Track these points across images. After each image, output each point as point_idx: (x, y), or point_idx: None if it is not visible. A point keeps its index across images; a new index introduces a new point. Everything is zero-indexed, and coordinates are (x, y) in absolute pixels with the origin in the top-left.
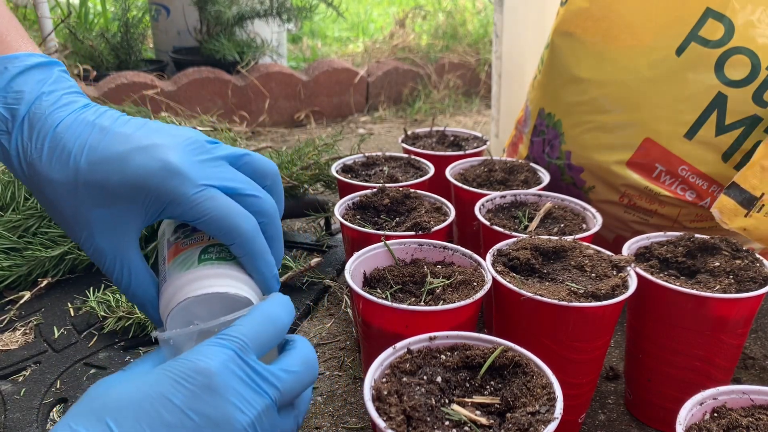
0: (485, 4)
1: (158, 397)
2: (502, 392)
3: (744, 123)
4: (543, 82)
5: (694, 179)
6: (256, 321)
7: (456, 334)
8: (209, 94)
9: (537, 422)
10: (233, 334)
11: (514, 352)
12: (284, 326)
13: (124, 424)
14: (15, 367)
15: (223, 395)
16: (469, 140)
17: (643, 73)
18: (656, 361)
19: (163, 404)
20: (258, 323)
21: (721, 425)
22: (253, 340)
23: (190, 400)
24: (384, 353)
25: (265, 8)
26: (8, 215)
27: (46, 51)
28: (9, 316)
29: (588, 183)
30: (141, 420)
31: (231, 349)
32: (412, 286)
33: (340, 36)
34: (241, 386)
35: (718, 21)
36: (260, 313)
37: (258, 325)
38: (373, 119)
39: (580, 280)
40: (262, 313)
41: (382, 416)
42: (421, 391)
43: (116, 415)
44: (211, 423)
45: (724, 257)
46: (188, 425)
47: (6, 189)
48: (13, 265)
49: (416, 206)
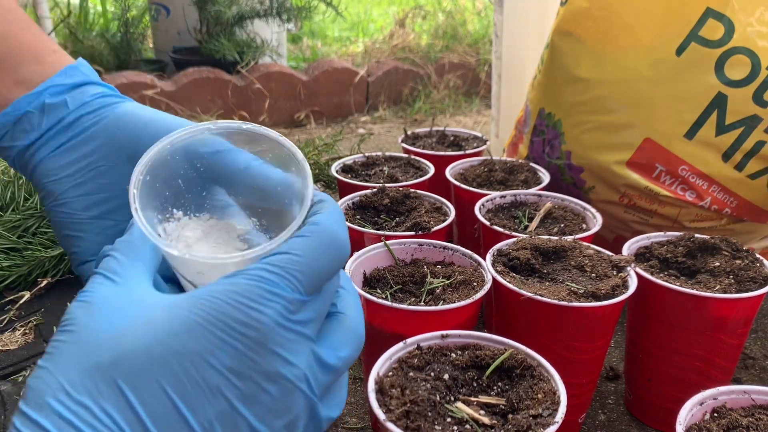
0: (485, 4)
1: (192, 357)
2: (508, 394)
3: (744, 123)
4: (543, 82)
5: (694, 179)
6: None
7: (469, 333)
8: (209, 94)
9: (537, 425)
10: (291, 271)
11: (524, 354)
12: (346, 257)
13: (146, 393)
14: (15, 367)
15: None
16: (469, 140)
17: (644, 73)
18: (656, 361)
19: (198, 367)
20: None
21: (721, 425)
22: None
23: (234, 362)
24: (393, 348)
25: (265, 8)
26: (8, 215)
27: None
28: (9, 317)
29: (588, 183)
30: (167, 386)
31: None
32: (412, 286)
33: (340, 36)
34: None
35: (718, 21)
36: (325, 234)
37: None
38: (373, 119)
39: (580, 280)
40: (327, 235)
41: (382, 408)
42: (427, 386)
43: (133, 378)
44: (255, 385)
45: (724, 257)
46: (230, 393)
47: (6, 189)
48: (13, 265)
49: (416, 206)
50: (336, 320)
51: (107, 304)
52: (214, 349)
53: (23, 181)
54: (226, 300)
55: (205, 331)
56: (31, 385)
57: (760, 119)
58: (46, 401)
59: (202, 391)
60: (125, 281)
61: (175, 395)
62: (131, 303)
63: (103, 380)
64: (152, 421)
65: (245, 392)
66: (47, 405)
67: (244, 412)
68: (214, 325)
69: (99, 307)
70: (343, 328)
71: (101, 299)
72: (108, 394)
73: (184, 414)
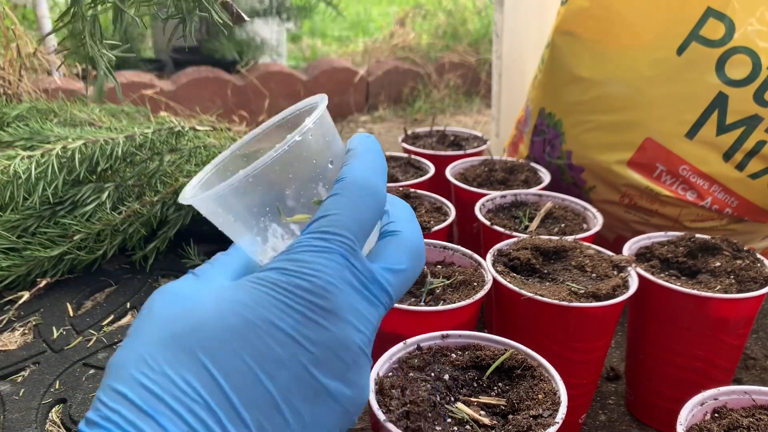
0: (485, 4)
1: (264, 324)
2: (509, 394)
3: (745, 122)
4: (543, 82)
5: (695, 179)
6: (353, 199)
7: (469, 333)
8: (209, 93)
9: (537, 425)
10: (333, 230)
11: (524, 355)
12: (383, 198)
13: (223, 361)
14: (14, 367)
15: (340, 315)
16: (469, 140)
17: (644, 72)
18: (657, 362)
19: (270, 333)
20: (356, 202)
21: (721, 426)
22: (357, 232)
23: (304, 327)
24: (393, 348)
25: (264, 7)
26: (7, 215)
27: (45, 50)
28: (8, 317)
29: (589, 183)
30: (243, 353)
31: (340, 255)
32: (412, 286)
33: (340, 35)
34: (358, 300)
35: (719, 20)
36: (355, 185)
37: (357, 206)
38: (373, 119)
39: (581, 280)
40: (357, 185)
41: (381, 408)
42: (427, 387)
43: (211, 348)
44: (328, 351)
45: (725, 257)
46: (303, 357)
47: (5, 189)
48: (12, 265)
49: (416, 206)
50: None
51: (186, 290)
52: (284, 316)
53: (22, 180)
54: (283, 268)
55: (271, 299)
56: (113, 362)
57: (761, 119)
58: (130, 373)
59: (278, 356)
60: (205, 274)
61: (252, 361)
62: (204, 286)
63: (182, 349)
64: (231, 387)
65: (319, 357)
66: (130, 376)
67: (319, 377)
68: (278, 292)
69: (176, 294)
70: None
71: (179, 289)
72: (187, 363)
73: (262, 380)
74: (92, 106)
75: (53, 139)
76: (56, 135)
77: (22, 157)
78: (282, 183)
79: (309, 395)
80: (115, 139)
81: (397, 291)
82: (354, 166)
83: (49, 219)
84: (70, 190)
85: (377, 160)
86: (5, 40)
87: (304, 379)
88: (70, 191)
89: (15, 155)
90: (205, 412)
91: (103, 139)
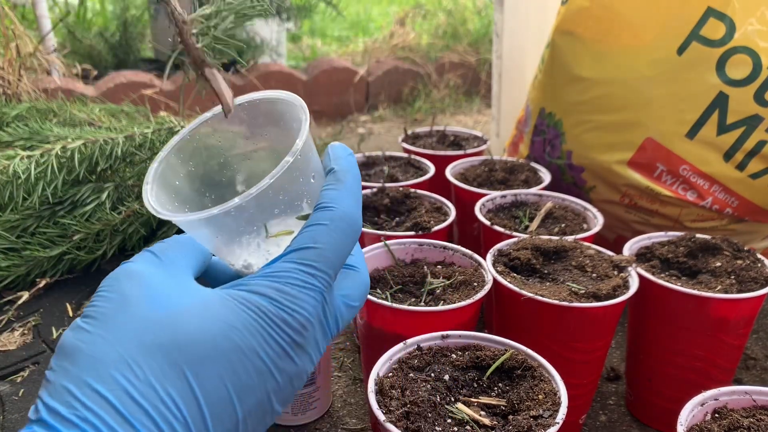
0: (486, 4)
1: (249, 352)
2: (509, 394)
3: (745, 122)
4: (544, 82)
5: (695, 179)
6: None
7: (469, 334)
8: (208, 93)
9: (537, 426)
10: (320, 266)
11: (525, 355)
12: (360, 228)
13: (206, 382)
14: (13, 367)
15: (306, 350)
16: (469, 140)
17: (644, 72)
18: (657, 362)
19: (252, 362)
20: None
21: (722, 426)
22: (338, 267)
23: (279, 359)
24: (393, 348)
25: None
26: (6, 215)
27: (44, 50)
28: (7, 317)
29: (589, 183)
30: (225, 377)
31: (320, 292)
32: (413, 286)
33: (340, 35)
34: (320, 334)
35: (720, 20)
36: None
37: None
38: (373, 119)
39: (581, 280)
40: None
41: (381, 409)
42: (427, 387)
43: (197, 366)
44: (287, 380)
45: (726, 257)
46: (270, 386)
47: (4, 189)
48: (12, 265)
49: (416, 206)
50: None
51: (155, 279)
52: (266, 347)
53: (21, 180)
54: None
55: (259, 327)
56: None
57: (762, 119)
58: (110, 373)
59: (251, 383)
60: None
61: (231, 386)
62: (180, 286)
63: (168, 363)
64: (207, 406)
65: (280, 386)
66: (111, 378)
67: (273, 402)
68: (266, 322)
69: (146, 281)
70: (357, 282)
71: (150, 276)
72: (172, 377)
73: (235, 404)
74: (92, 106)
75: (53, 139)
76: (56, 135)
77: (22, 157)
78: (272, 204)
79: (260, 417)
80: (114, 139)
81: (344, 325)
82: (342, 195)
83: (48, 219)
84: (69, 190)
85: (358, 185)
86: (5, 39)
87: (263, 405)
88: (70, 191)
89: (14, 155)
90: (182, 429)
91: (103, 139)
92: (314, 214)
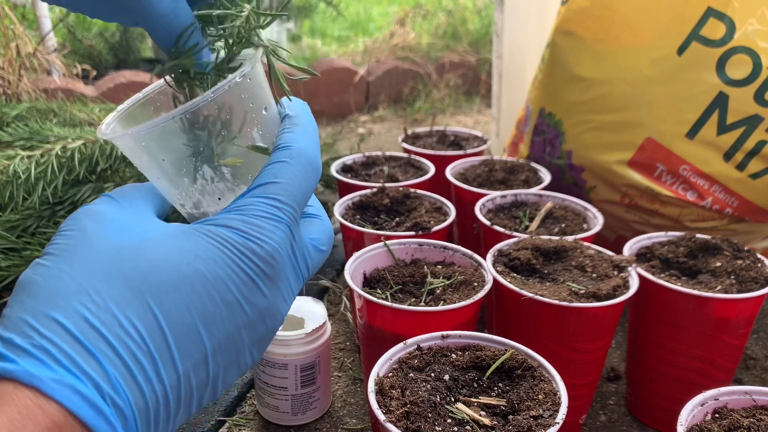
0: (485, 4)
1: (215, 280)
2: (509, 394)
3: (745, 122)
4: (544, 82)
5: (695, 179)
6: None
7: (469, 334)
8: None
9: (538, 426)
10: (284, 200)
11: (525, 355)
12: (320, 170)
13: (170, 310)
14: None
15: (277, 284)
16: (469, 140)
17: (644, 72)
18: (657, 362)
19: (219, 290)
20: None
21: (722, 426)
22: (302, 203)
23: (248, 290)
24: (393, 348)
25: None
26: (7, 215)
27: (44, 50)
28: None
29: (589, 183)
30: (190, 305)
31: (287, 225)
32: (413, 286)
33: (340, 35)
34: (291, 271)
35: (720, 20)
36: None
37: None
38: (372, 119)
39: (581, 280)
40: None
41: (381, 409)
42: (427, 387)
43: (161, 293)
44: (258, 316)
45: (726, 257)
46: (240, 320)
47: (4, 189)
48: (12, 265)
49: (416, 206)
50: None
51: (116, 216)
52: (233, 276)
53: (22, 180)
54: (239, 229)
55: (225, 257)
56: (43, 284)
57: (762, 119)
58: (70, 303)
59: (219, 313)
60: (130, 202)
61: (197, 314)
62: (142, 222)
63: (131, 290)
64: (173, 336)
65: (251, 321)
66: (70, 307)
67: (245, 338)
68: (233, 252)
69: (108, 217)
70: (322, 228)
71: (109, 213)
72: (135, 305)
73: (202, 334)
74: (92, 106)
75: (53, 139)
76: (56, 135)
77: (22, 157)
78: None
79: (232, 355)
80: None
81: (314, 269)
82: (299, 135)
83: (48, 219)
84: (69, 190)
85: (314, 127)
86: (5, 39)
87: (233, 340)
88: (70, 191)
89: (15, 155)
90: (145, 358)
91: (103, 139)
92: (273, 154)
